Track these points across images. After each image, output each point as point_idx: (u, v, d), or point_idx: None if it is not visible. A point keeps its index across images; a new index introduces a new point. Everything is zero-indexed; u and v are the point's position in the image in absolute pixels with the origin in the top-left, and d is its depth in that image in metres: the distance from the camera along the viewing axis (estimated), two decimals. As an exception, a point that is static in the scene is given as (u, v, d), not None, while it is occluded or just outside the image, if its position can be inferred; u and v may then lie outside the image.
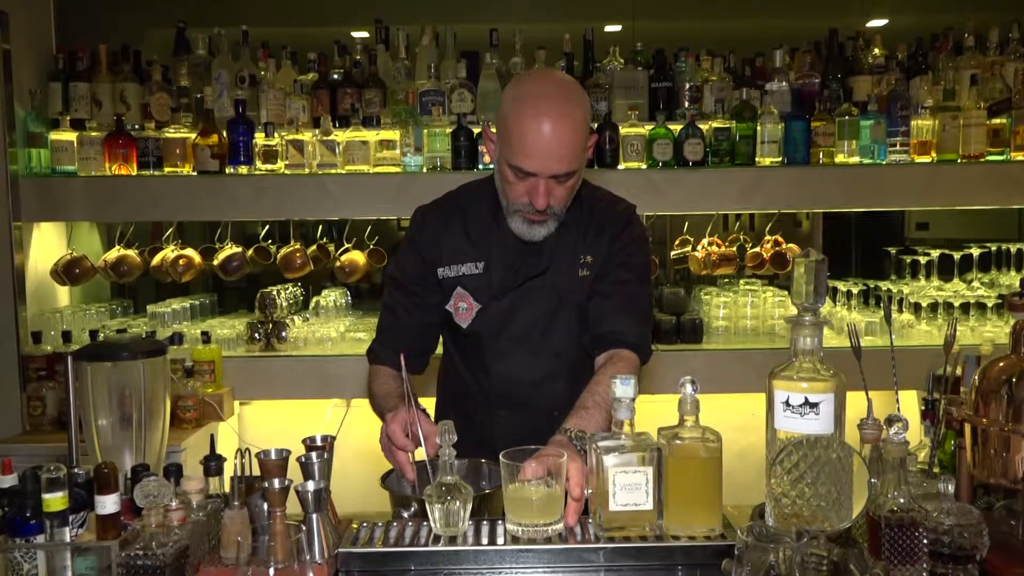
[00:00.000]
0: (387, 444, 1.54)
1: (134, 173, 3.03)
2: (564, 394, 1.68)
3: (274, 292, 3.19)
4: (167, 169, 3.03)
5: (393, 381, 1.73)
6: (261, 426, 3.12)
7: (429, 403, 2.02)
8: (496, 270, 1.74)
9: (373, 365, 1.81)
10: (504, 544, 1.25)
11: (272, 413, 3.14)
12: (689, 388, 1.26)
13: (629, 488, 1.24)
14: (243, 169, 3.03)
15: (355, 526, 1.33)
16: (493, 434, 1.77)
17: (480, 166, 3.01)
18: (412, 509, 1.41)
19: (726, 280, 3.38)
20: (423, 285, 1.78)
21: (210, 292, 3.63)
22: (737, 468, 1.76)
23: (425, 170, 3.03)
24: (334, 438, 1.37)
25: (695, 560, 1.23)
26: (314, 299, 3.35)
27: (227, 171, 3.02)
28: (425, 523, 1.33)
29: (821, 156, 3.02)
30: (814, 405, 1.15)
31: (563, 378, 1.76)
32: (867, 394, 1.31)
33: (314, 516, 1.22)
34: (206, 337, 2.92)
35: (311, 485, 1.23)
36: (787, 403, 1.16)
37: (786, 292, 3.20)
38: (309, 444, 1.35)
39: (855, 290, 3.15)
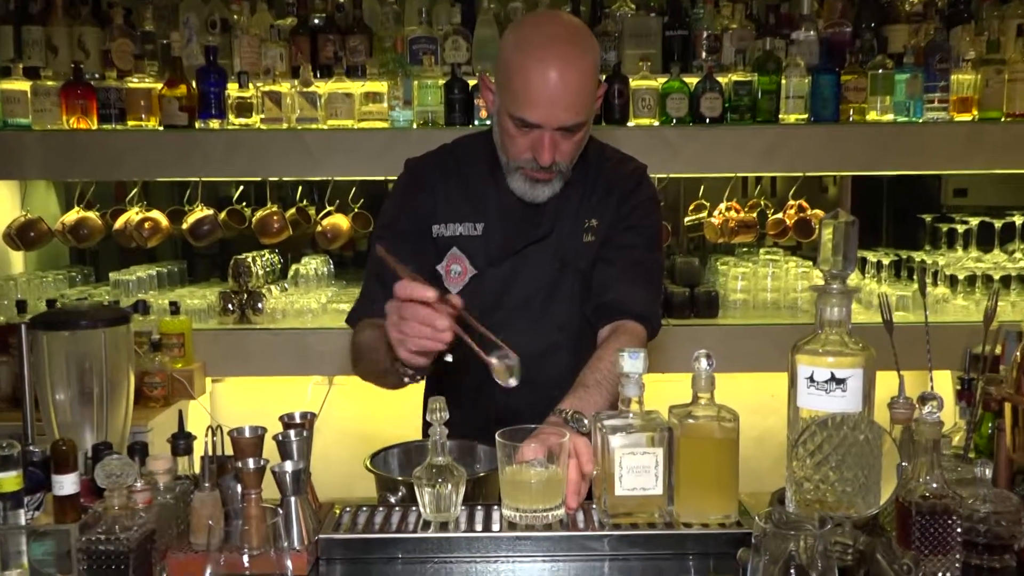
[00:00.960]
0: (401, 314, 1.35)
1: (94, 127, 3.00)
2: (567, 370, 1.68)
3: (249, 259, 3.18)
4: (130, 123, 3.01)
5: (375, 330, 1.65)
6: (235, 405, 3.13)
7: (417, 389, 2.02)
8: (494, 234, 1.73)
9: (357, 327, 1.76)
10: (500, 531, 1.26)
11: (247, 391, 3.15)
12: (704, 363, 1.26)
13: (637, 471, 1.24)
14: (214, 123, 3.00)
15: (337, 510, 1.33)
16: (488, 414, 1.77)
17: (476, 121, 2.99)
18: (400, 493, 1.41)
19: (745, 249, 3.37)
20: (411, 241, 1.75)
21: (179, 259, 3.61)
22: (754, 454, 1.77)
23: (415, 126, 3.01)
24: (315, 415, 1.37)
25: (708, 549, 1.24)
26: (293, 267, 3.34)
27: (197, 125, 3.00)
28: (414, 508, 1.33)
29: (851, 113, 3.00)
30: (841, 381, 1.14)
31: (565, 352, 1.77)
32: (898, 370, 1.31)
33: (292, 499, 1.22)
34: (174, 308, 2.91)
35: (289, 465, 1.23)
36: (811, 379, 1.16)
37: (810, 263, 3.20)
38: (287, 421, 1.34)
39: (886, 261, 3.15)
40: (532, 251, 1.73)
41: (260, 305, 3.10)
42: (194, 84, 2.98)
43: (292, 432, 1.29)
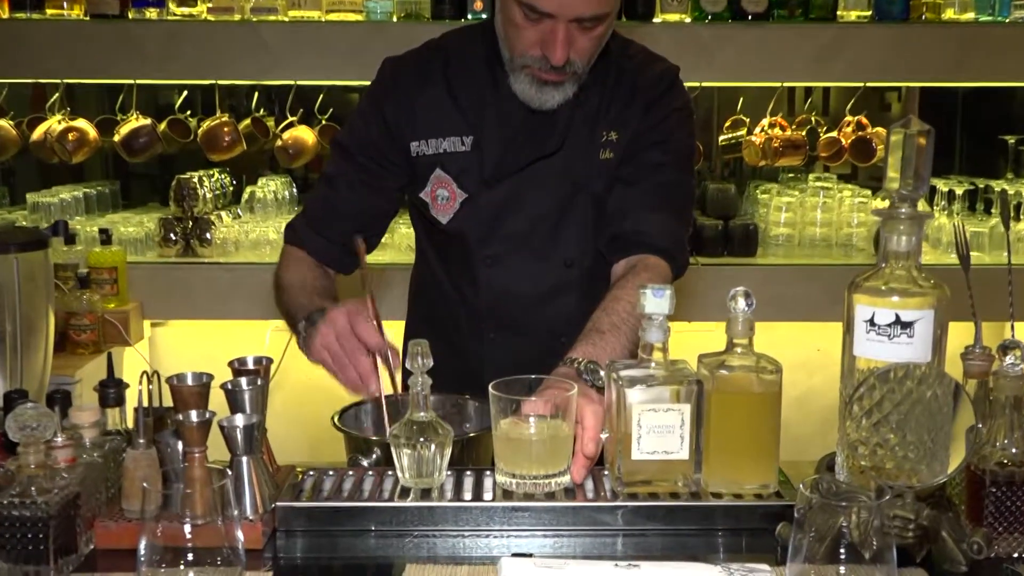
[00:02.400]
0: (341, 341, 1.47)
1: (5, 15, 2.96)
2: (575, 314, 1.69)
3: (195, 180, 3.17)
4: (49, 11, 2.97)
5: (312, 273, 1.75)
6: (179, 354, 3.14)
7: (395, 326, 2.02)
8: (490, 148, 1.72)
9: (289, 247, 1.83)
10: (493, 500, 1.26)
11: (193, 338, 3.16)
12: (741, 303, 1.24)
13: (659, 431, 1.23)
14: (152, 12, 2.96)
15: (299, 474, 1.33)
16: (480, 364, 1.79)
17: (469, 15, 2.94)
18: (374, 456, 1.41)
19: (791, 175, 3.36)
20: (381, 161, 1.77)
21: (110, 179, 3.61)
22: (795, 417, 1.78)
23: (396, 19, 2.97)
24: (271, 360, 1.37)
25: (741, 524, 1.24)
26: (248, 189, 3.34)
27: (130, 15, 2.97)
28: (390, 473, 1.33)
29: (924, 10, 2.94)
30: (907, 325, 1.13)
31: (574, 293, 1.77)
32: (975, 315, 1.29)
33: (244, 459, 1.22)
34: (105, 237, 2.90)
35: (240, 419, 1.23)
36: (871, 322, 1.15)
37: (869, 192, 3.18)
38: (238, 367, 1.34)
39: (959, 191, 3.13)
40: (537, 170, 1.72)
41: (208, 235, 3.09)
42: (126, -38, 2.92)
43: (244, 380, 1.28)
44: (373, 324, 1.46)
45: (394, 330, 1.85)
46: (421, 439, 1.27)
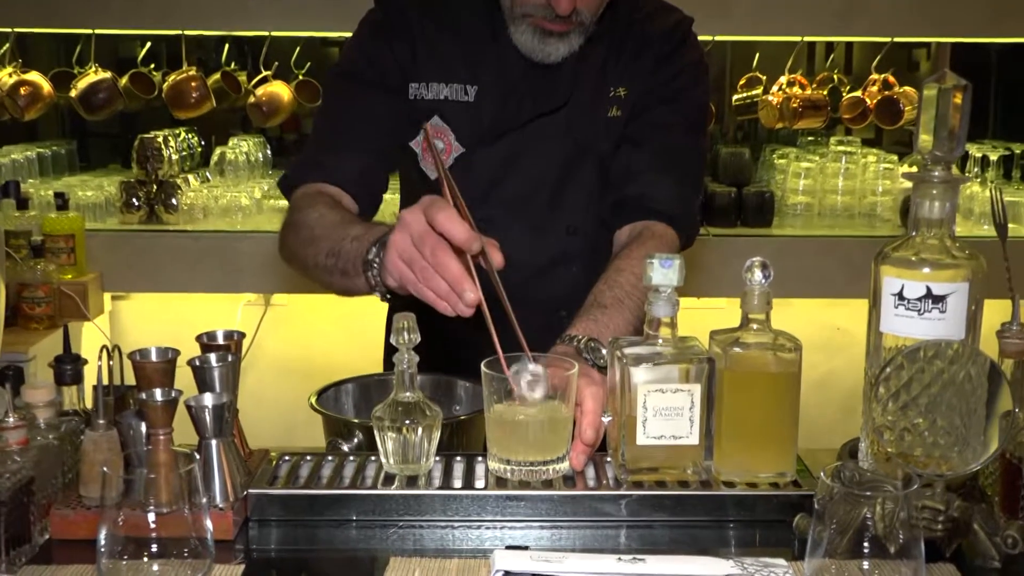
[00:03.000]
0: (419, 245, 1.26)
1: (-50, -44, 2.92)
2: (577, 286, 1.69)
3: (159, 140, 3.16)
4: (-1, -48, 2.93)
5: (345, 209, 1.59)
6: (142, 329, 3.15)
7: (378, 306, 2.02)
8: (489, 102, 1.72)
9: (298, 192, 1.67)
10: (485, 488, 1.26)
11: (158, 312, 3.16)
12: (758, 274, 1.24)
13: (667, 414, 1.23)
14: (112, -45, 2.92)
15: (273, 459, 1.33)
16: (472, 342, 1.76)
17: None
18: (356, 440, 1.41)
19: (810, 138, 3.36)
20: (387, 82, 1.71)
21: (67, 138, 3.60)
22: (813, 402, 1.79)
23: (380, -37, 2.93)
24: (243, 334, 1.36)
25: (755, 515, 1.24)
26: (217, 150, 3.35)
27: (88, -43, 2.93)
28: (373, 458, 1.33)
29: (958, -42, 2.93)
30: (939, 299, 1.12)
31: (576, 263, 1.78)
32: (1012, 289, 1.28)
33: (213, 442, 1.22)
34: (62, 201, 2.90)
35: (209, 399, 1.22)
36: (900, 295, 1.14)
37: (895, 157, 3.18)
38: (207, 342, 1.33)
39: (993, 156, 3.13)
40: (538, 128, 1.73)
41: (174, 200, 3.09)
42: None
43: (213, 356, 1.28)
44: (455, 213, 1.25)
45: (376, 305, 1.85)
46: (407, 421, 1.27)
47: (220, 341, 1.34)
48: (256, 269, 2.91)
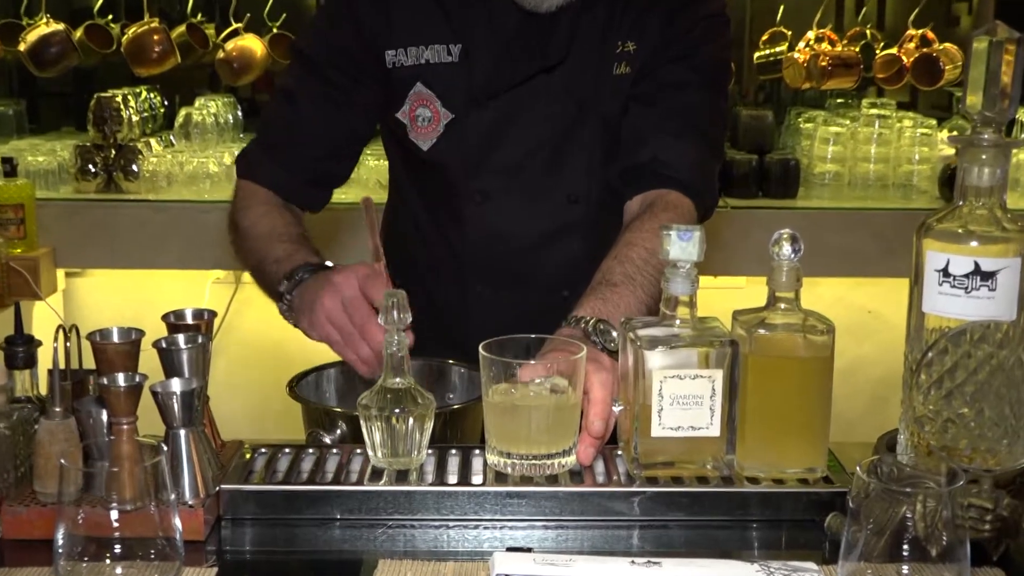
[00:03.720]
0: (350, 311, 1.45)
1: None
2: (581, 262, 1.71)
3: (118, 99, 3.16)
4: None
5: (281, 216, 1.73)
6: (100, 310, 3.15)
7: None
8: (480, 59, 1.72)
9: (244, 181, 1.81)
10: (483, 484, 1.26)
11: (118, 290, 3.17)
12: (787, 248, 1.23)
13: (685, 402, 1.23)
14: None
15: (248, 452, 1.33)
16: (467, 323, 1.81)
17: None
18: (339, 431, 1.41)
19: (840, 100, 3.36)
20: (353, 73, 1.76)
21: (15, 97, 3.60)
22: (842, 392, 1.79)
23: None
24: (214, 314, 1.36)
25: (781, 514, 1.25)
26: (183, 111, 3.33)
27: None
28: (359, 451, 1.33)
29: (1005, -100, 2.91)
30: (988, 276, 1.12)
31: (580, 236, 1.79)
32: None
33: (182, 433, 1.22)
34: (9, 168, 2.89)
35: (177, 384, 1.22)
36: (945, 272, 1.13)
37: (934, 122, 3.18)
38: (174, 322, 1.33)
39: (1040, 120, 3.12)
40: (536, 86, 1.73)
41: (135, 167, 3.09)
42: None
43: (182, 338, 1.28)
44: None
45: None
46: (397, 410, 1.26)
47: (189, 320, 1.34)
48: (225, 243, 2.88)
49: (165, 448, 1.15)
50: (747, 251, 2.69)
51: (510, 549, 1.16)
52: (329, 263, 1.59)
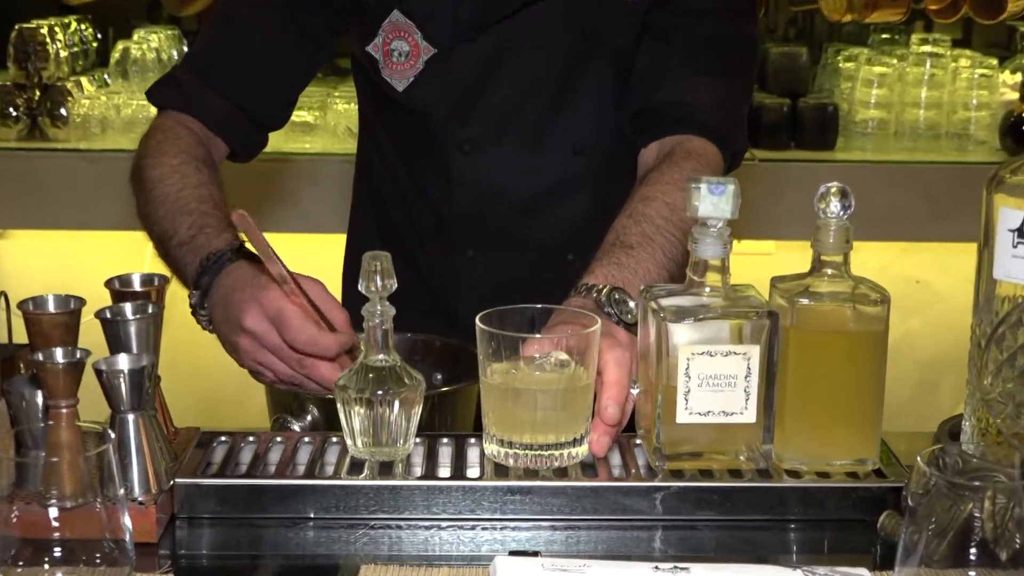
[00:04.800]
0: (280, 356, 1.42)
1: None
2: (588, 222, 1.73)
3: (43, 32, 3.14)
4: None
5: (196, 172, 1.66)
6: (26, 276, 3.15)
7: (334, 243, 2.00)
8: None
9: (165, 118, 1.77)
10: (480, 478, 1.26)
11: (46, 254, 3.19)
12: (835, 204, 1.23)
13: (715, 384, 1.23)
14: None
15: (207, 439, 1.34)
16: (457, 295, 1.82)
17: None
18: (309, 417, 1.42)
19: (885, 36, 3.36)
20: (319, 9, 1.74)
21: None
22: (888, 372, 1.79)
23: None
24: (167, 280, 1.36)
25: (826, 513, 1.25)
26: (119, 46, 3.32)
27: None
28: (335, 439, 1.34)
29: None
30: (1072, 237, 1.13)
31: (587, 191, 1.80)
32: None
33: (131, 418, 1.22)
34: (-84, 111, 2.87)
35: (125, 361, 1.22)
36: (1021, 232, 1.14)
37: (994, 61, 3.17)
38: (120, 289, 1.33)
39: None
40: (533, 16, 1.73)
41: (63, 110, 3.09)
42: None
43: (129, 307, 1.27)
44: (308, 319, 1.41)
45: (334, 248, 1.84)
46: (379, 392, 1.26)
47: (136, 287, 1.34)
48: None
49: (112, 435, 1.15)
50: (778, 211, 2.69)
51: (513, 553, 1.17)
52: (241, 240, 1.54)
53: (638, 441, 1.32)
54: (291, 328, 1.39)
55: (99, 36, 3.39)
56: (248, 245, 1.46)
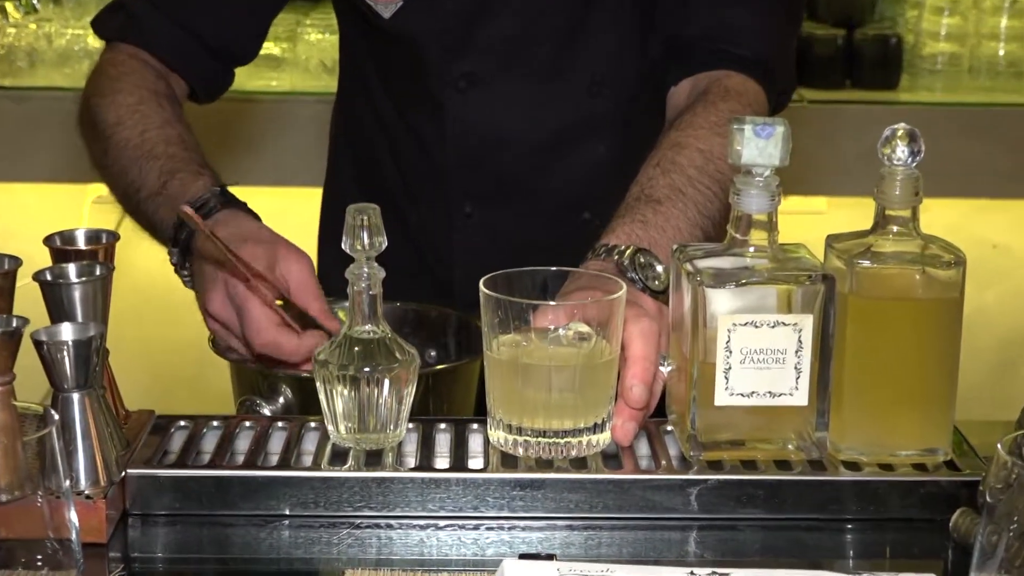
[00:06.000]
0: (260, 343, 1.47)
1: None
2: (608, 174, 1.74)
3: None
4: None
5: (159, 109, 1.69)
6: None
7: (310, 196, 2.01)
8: None
9: (116, 51, 1.80)
10: (485, 470, 1.27)
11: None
12: (902, 149, 1.23)
13: (759, 360, 1.24)
14: None
15: (162, 424, 1.34)
16: (453, 257, 1.84)
17: None
18: (282, 399, 1.44)
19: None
20: None
21: None
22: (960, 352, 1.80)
23: None
24: (116, 237, 1.35)
25: (888, 511, 1.25)
26: None
27: None
28: (314, 424, 1.34)
29: None
30: None
31: (606, 137, 1.81)
32: None
33: (76, 398, 1.22)
34: None
35: (69, 331, 1.22)
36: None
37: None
38: (61, 247, 1.33)
39: None
40: None
41: (-13, 41, 3.07)
42: None
43: (73, 269, 1.27)
44: (271, 319, 1.45)
45: (307, 203, 1.84)
46: (366, 369, 1.27)
47: (81, 245, 1.33)
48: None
49: (55, 417, 1.15)
50: (830, 162, 2.69)
51: (524, 556, 1.17)
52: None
53: (669, 427, 1.33)
54: (251, 327, 1.45)
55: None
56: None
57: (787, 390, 1.24)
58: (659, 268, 1.40)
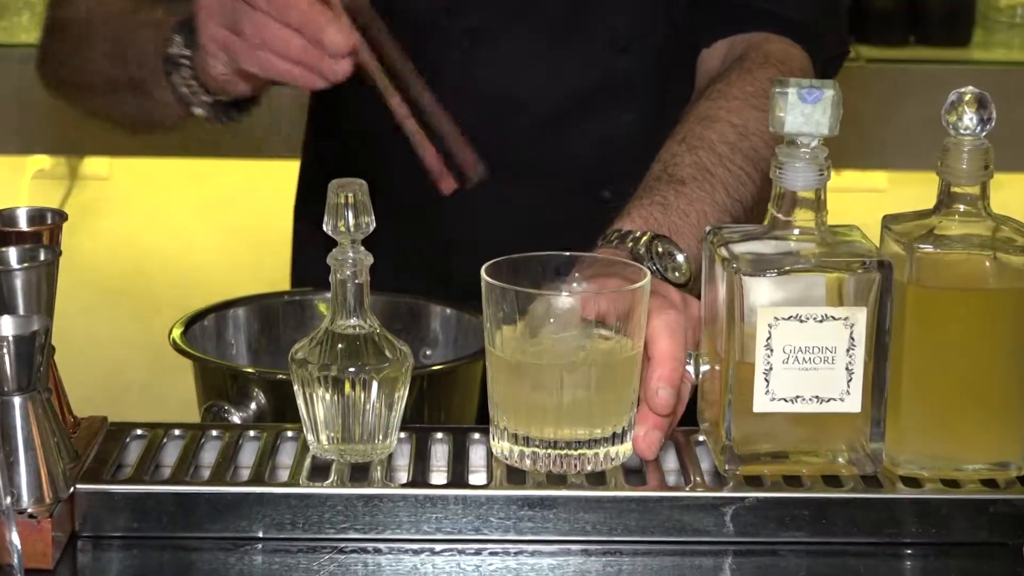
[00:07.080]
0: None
1: None
2: (634, 145, 1.74)
3: None
4: None
5: None
6: None
7: (286, 169, 2.03)
8: None
9: None
10: (488, 486, 1.27)
11: None
12: (969, 116, 1.24)
13: (805, 360, 1.24)
14: None
15: (116, 432, 1.35)
16: (451, 240, 1.85)
17: None
18: (253, 405, 1.45)
19: None
20: None
21: None
22: None
23: None
24: (64, 217, 1.36)
25: (949, 534, 1.25)
26: None
27: None
28: (291, 433, 1.35)
29: None
30: None
31: (631, 103, 1.83)
32: None
33: (17, 402, 1.22)
34: None
35: (10, 325, 1.22)
36: None
37: None
38: (1, 228, 1.33)
39: None
40: None
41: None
42: None
43: (14, 253, 1.28)
44: None
45: (282, 177, 1.85)
46: (351, 370, 1.27)
47: (23, 227, 1.34)
48: (55, 113, 2.90)
49: (-8, 426, 1.17)
50: (892, 131, 2.69)
51: (534, 583, 1.18)
52: None
53: (701, 437, 1.34)
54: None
55: None
56: None
57: (837, 395, 1.25)
58: (680, 258, 1.41)
